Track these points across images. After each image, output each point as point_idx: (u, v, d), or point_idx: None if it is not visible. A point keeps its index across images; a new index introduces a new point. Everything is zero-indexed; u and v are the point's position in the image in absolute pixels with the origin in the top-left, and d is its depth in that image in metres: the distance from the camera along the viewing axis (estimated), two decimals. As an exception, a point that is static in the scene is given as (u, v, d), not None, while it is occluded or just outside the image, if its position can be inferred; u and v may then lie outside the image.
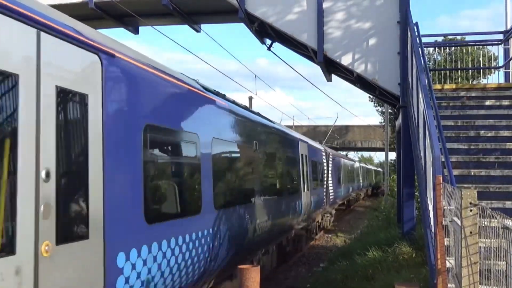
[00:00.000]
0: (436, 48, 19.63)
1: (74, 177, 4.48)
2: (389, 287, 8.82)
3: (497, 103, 10.50)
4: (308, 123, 60.24)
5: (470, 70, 18.61)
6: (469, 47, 15.65)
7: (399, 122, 13.36)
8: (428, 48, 18.18)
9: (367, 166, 60.30)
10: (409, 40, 11.13)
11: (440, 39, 18.24)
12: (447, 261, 5.76)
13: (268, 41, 14.45)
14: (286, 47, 14.11)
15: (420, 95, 8.36)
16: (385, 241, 12.78)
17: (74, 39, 4.49)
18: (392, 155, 35.23)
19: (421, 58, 9.56)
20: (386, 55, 12.48)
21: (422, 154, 8.10)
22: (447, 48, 16.57)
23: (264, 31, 13.84)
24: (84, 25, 5.02)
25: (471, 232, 4.70)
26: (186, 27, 14.88)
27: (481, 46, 15.33)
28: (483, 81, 18.12)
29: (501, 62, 13.62)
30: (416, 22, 11.15)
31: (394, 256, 11.25)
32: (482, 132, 9.40)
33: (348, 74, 13.59)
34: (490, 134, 9.36)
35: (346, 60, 12.68)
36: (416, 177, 10.80)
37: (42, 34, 4.10)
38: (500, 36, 12.99)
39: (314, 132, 47.56)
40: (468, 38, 17.53)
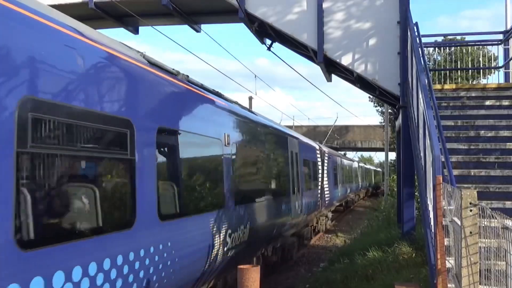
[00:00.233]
0: (436, 48, 19.62)
1: None
2: (389, 287, 8.83)
3: (497, 103, 10.51)
4: (308, 123, 60.41)
5: (470, 70, 18.60)
6: (469, 47, 15.65)
7: (399, 122, 13.36)
8: (428, 48, 18.17)
9: (366, 166, 60.12)
10: (409, 40, 11.13)
11: (440, 39, 18.28)
12: (447, 261, 5.76)
13: (268, 41, 14.45)
14: (286, 47, 14.10)
15: (420, 95, 8.36)
16: (385, 241, 12.80)
17: None
18: (392, 155, 35.28)
19: (421, 58, 9.56)
20: (386, 55, 12.48)
21: (422, 154, 8.09)
22: (447, 48, 16.58)
23: (264, 31, 13.83)
24: None
25: (471, 232, 4.70)
26: (186, 27, 14.89)
27: (481, 46, 15.33)
28: (483, 81, 18.14)
29: (501, 62, 13.63)
30: (416, 22, 11.16)
31: (394, 256, 11.25)
32: (482, 132, 9.40)
33: (348, 74, 13.59)
34: (490, 134, 9.37)
35: (346, 60, 12.68)
36: (416, 177, 10.81)
37: None
38: (500, 36, 13.00)
39: (314, 132, 47.61)
40: (468, 38, 17.52)
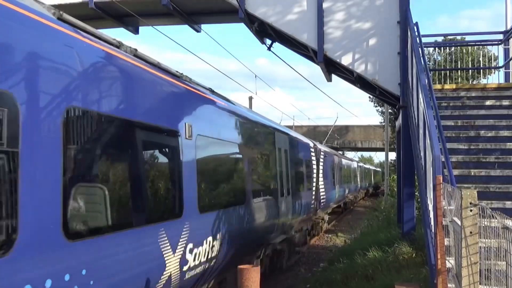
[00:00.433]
0: (436, 48, 19.62)
1: None
2: (389, 287, 8.82)
3: (497, 103, 10.51)
4: (308, 123, 60.47)
5: (470, 70, 18.60)
6: (469, 47, 15.66)
7: (399, 122, 13.36)
8: (428, 48, 18.18)
9: (366, 166, 59.91)
10: (409, 40, 11.13)
11: (440, 39, 18.27)
12: (447, 261, 5.76)
13: (268, 41, 14.45)
14: (286, 47, 14.10)
15: (420, 95, 8.36)
16: (385, 241, 12.79)
17: None
18: (392, 155, 35.31)
19: (421, 58, 9.55)
20: (386, 55, 12.47)
21: (422, 154, 8.09)
22: (447, 48, 16.58)
23: (264, 31, 13.83)
24: None
25: (471, 232, 4.70)
26: (186, 27, 14.89)
27: (481, 46, 15.33)
28: (483, 81, 18.13)
29: (501, 62, 13.62)
30: (416, 22, 11.15)
31: (394, 256, 11.25)
32: (482, 132, 9.40)
33: (348, 74, 13.59)
34: (490, 134, 9.37)
35: (346, 60, 12.68)
36: (416, 177, 10.80)
37: None
38: (500, 36, 12.99)
39: (314, 132, 47.63)
40: (468, 38, 17.50)
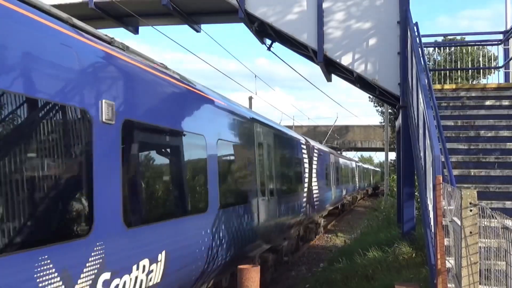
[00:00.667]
0: (436, 48, 19.62)
1: None
2: (389, 287, 8.83)
3: (497, 103, 10.50)
4: (308, 123, 60.47)
5: (470, 70, 18.60)
6: (469, 47, 15.65)
7: (399, 122, 13.36)
8: (428, 48, 18.18)
9: (365, 166, 59.64)
10: (409, 40, 11.13)
11: (440, 39, 18.28)
12: (447, 261, 5.76)
13: (268, 41, 14.45)
14: (286, 47, 14.10)
15: (420, 95, 8.36)
16: (385, 241, 12.79)
17: None
18: (392, 155, 35.29)
19: (421, 58, 9.55)
20: (386, 55, 12.47)
21: (422, 154, 8.09)
22: (447, 48, 16.58)
23: (264, 31, 13.83)
24: None
25: (471, 232, 4.70)
26: (186, 27, 14.88)
27: (481, 46, 15.33)
28: (483, 81, 18.13)
29: (501, 62, 13.62)
30: (416, 22, 11.15)
31: (394, 256, 11.25)
32: (482, 132, 9.40)
33: (348, 74, 13.59)
34: (490, 134, 9.37)
35: (346, 60, 12.68)
36: (416, 177, 10.80)
37: None
38: (500, 36, 12.99)
39: (314, 132, 47.67)
40: (468, 38, 17.50)
